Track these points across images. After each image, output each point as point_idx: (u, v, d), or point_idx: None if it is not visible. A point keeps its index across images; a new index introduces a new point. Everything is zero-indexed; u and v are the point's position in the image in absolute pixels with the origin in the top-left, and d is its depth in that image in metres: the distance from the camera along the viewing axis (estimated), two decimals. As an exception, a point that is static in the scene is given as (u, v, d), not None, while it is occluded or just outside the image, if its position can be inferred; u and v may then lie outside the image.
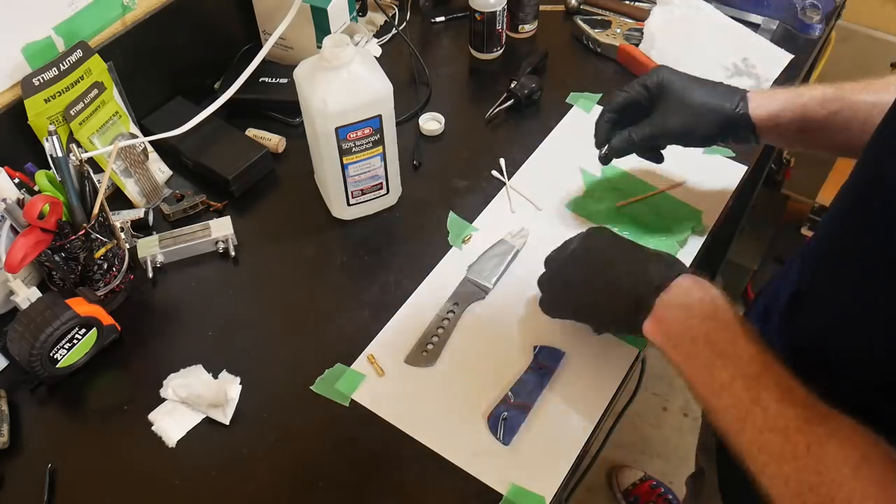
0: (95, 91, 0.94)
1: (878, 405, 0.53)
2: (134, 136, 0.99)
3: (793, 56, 1.16)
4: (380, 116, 0.87)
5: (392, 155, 0.93)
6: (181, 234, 0.93)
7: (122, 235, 0.91)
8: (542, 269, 0.81)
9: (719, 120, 0.81)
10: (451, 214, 0.98)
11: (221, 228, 0.94)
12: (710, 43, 1.15)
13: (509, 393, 0.79)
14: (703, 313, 0.65)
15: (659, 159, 0.89)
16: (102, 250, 0.84)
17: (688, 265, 0.75)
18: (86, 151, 0.90)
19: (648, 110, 0.85)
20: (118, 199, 0.98)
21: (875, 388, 0.56)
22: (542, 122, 1.10)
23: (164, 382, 0.81)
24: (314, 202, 1.00)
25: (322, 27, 1.10)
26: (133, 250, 0.92)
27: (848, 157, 0.78)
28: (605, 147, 0.87)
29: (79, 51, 0.91)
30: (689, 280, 0.68)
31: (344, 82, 0.84)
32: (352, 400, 0.80)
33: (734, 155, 1.03)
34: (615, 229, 0.80)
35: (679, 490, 1.68)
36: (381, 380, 0.81)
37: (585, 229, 0.79)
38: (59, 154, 0.80)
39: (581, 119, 1.10)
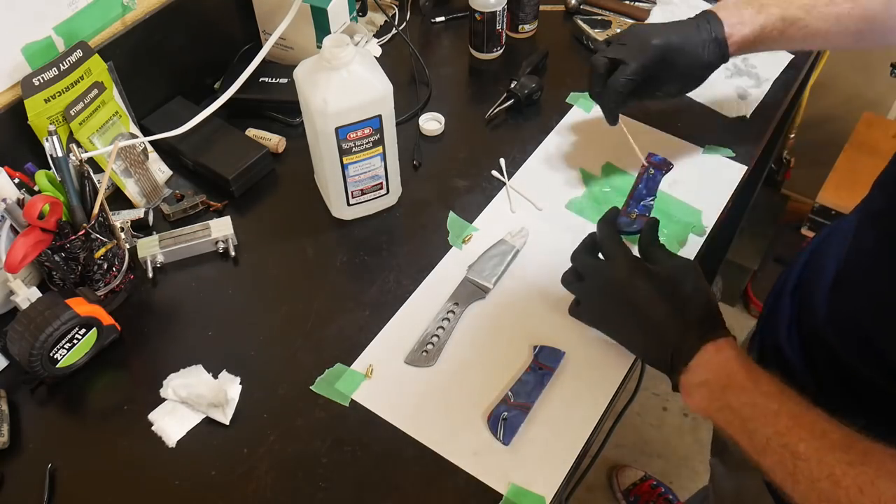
0: (95, 91, 0.94)
1: None
2: (134, 136, 0.99)
3: (793, 56, 1.16)
4: (380, 116, 0.87)
5: (392, 155, 0.93)
6: (181, 234, 0.93)
7: (122, 235, 0.91)
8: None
9: (707, 71, 0.89)
10: (451, 214, 0.98)
11: (221, 228, 0.94)
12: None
13: (509, 393, 0.79)
14: (721, 384, 0.65)
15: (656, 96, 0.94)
16: (102, 250, 0.84)
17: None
18: (86, 151, 0.90)
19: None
20: (118, 199, 0.98)
21: None
22: (542, 122, 1.10)
23: (164, 382, 0.81)
24: (314, 202, 1.00)
25: (322, 27, 1.10)
26: (133, 250, 0.92)
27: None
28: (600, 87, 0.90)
29: (79, 51, 0.91)
30: (710, 352, 0.67)
31: (344, 82, 0.84)
32: (352, 400, 0.80)
33: (734, 155, 1.03)
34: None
35: (679, 490, 1.68)
36: (382, 380, 0.81)
37: (622, 253, 0.76)
38: (59, 154, 0.80)
39: (581, 119, 1.10)
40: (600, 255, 0.78)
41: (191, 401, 0.79)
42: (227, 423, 0.78)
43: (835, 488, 0.54)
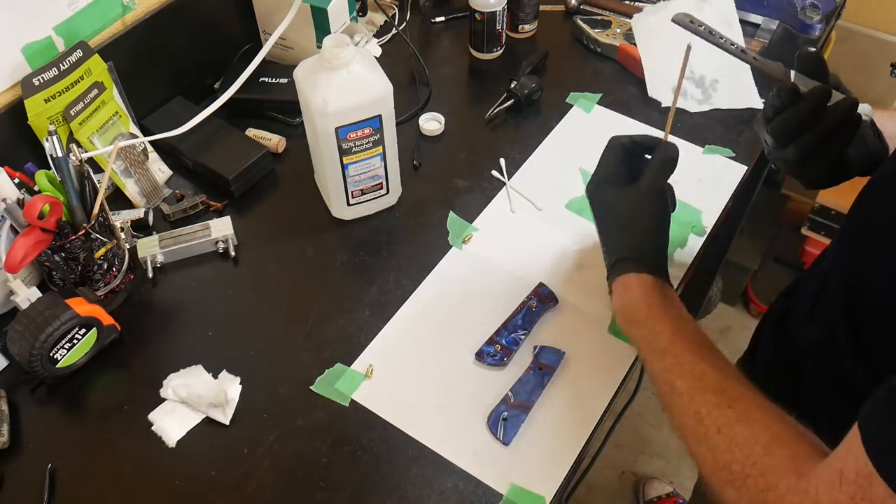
0: (95, 91, 0.94)
1: None
2: (134, 136, 0.99)
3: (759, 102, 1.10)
4: (380, 116, 0.87)
5: (392, 155, 0.93)
6: (181, 234, 0.93)
7: (122, 235, 0.91)
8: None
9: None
10: (451, 214, 0.98)
11: (221, 228, 0.94)
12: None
13: (509, 393, 0.79)
14: (625, 318, 0.74)
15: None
16: (102, 250, 0.84)
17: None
18: (86, 151, 0.90)
19: None
20: (118, 199, 0.98)
21: None
22: (542, 122, 1.10)
23: (164, 382, 0.81)
24: (314, 202, 1.00)
25: (322, 27, 1.10)
26: (133, 250, 0.92)
27: None
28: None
29: (79, 51, 0.91)
30: (621, 285, 0.74)
31: (344, 82, 0.84)
32: (352, 400, 0.80)
33: (734, 155, 1.03)
34: None
35: (679, 490, 1.67)
36: (382, 380, 0.81)
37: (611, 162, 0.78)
38: (59, 154, 0.80)
39: (581, 119, 1.10)
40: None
41: (191, 401, 0.79)
42: (227, 423, 0.78)
43: (697, 425, 0.60)
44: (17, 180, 0.82)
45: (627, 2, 1.28)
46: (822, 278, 0.73)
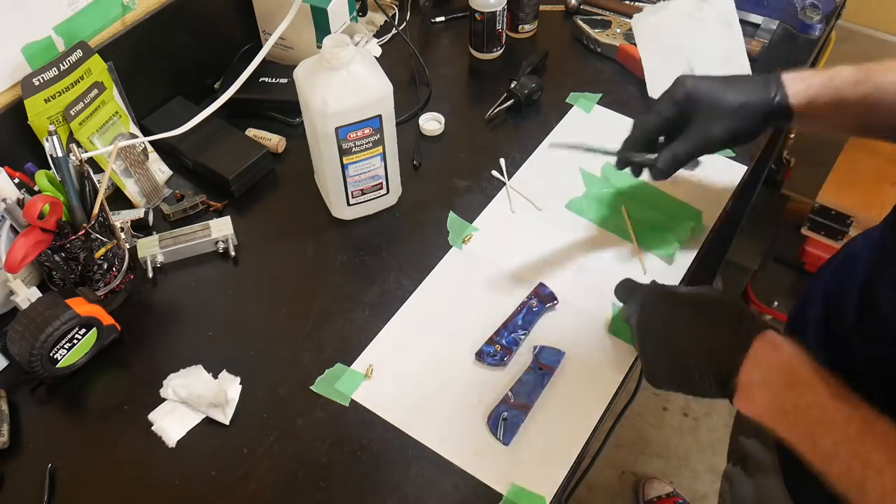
0: (95, 91, 0.94)
1: None
2: (134, 136, 0.99)
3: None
4: (380, 116, 0.87)
5: (392, 155, 0.93)
6: (181, 234, 0.93)
7: (122, 235, 0.91)
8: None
9: (761, 116, 0.77)
10: (451, 214, 0.98)
11: (221, 228, 0.94)
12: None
13: (509, 393, 0.79)
14: (784, 382, 0.61)
15: (696, 164, 0.84)
16: (102, 250, 0.84)
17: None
18: (86, 151, 0.90)
19: (678, 123, 0.80)
20: (118, 199, 0.98)
21: None
22: (542, 122, 1.10)
23: (164, 382, 0.81)
24: (314, 202, 1.00)
25: (322, 27, 1.10)
26: (133, 250, 0.92)
27: (872, 138, 0.77)
28: (639, 167, 0.82)
29: (79, 51, 0.91)
30: (764, 346, 0.63)
31: (344, 82, 0.84)
32: (352, 400, 0.80)
33: (734, 155, 1.03)
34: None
35: (679, 490, 1.67)
36: (382, 380, 0.81)
37: (648, 289, 0.76)
38: (59, 154, 0.80)
39: (581, 119, 1.10)
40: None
41: (191, 401, 0.79)
42: (227, 423, 0.78)
43: None
44: (17, 180, 0.82)
45: (627, 2, 1.28)
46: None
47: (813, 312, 0.77)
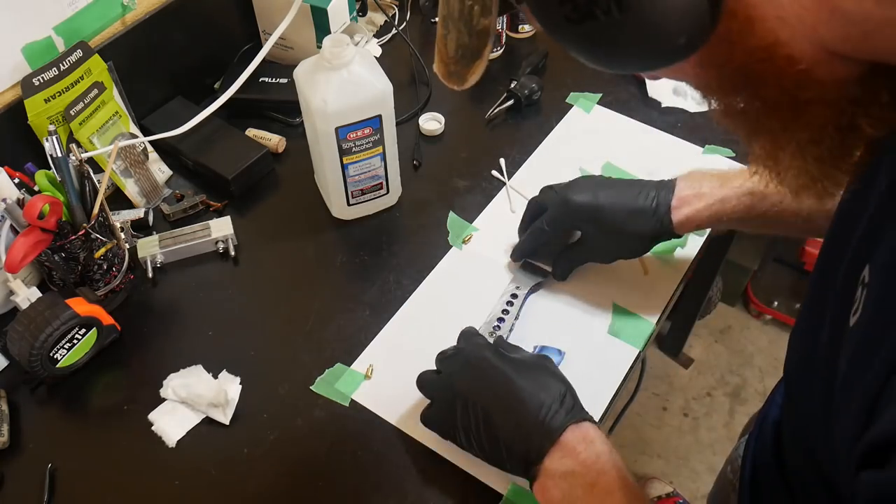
0: (95, 91, 0.94)
1: None
2: (134, 136, 0.99)
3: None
4: (380, 116, 0.87)
5: (392, 155, 0.93)
6: (181, 234, 0.93)
7: (122, 235, 0.91)
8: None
9: (647, 241, 0.82)
10: (451, 214, 0.98)
11: (221, 228, 0.94)
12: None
13: (509, 393, 0.79)
14: (586, 482, 0.60)
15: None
16: (102, 250, 0.84)
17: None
18: (86, 151, 0.90)
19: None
20: (118, 199, 0.98)
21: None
22: (542, 122, 1.10)
23: (164, 382, 0.81)
24: (314, 202, 1.00)
25: (322, 27, 1.10)
26: (133, 250, 0.92)
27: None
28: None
29: (79, 51, 0.91)
30: (576, 438, 0.62)
31: (344, 82, 0.84)
32: (352, 400, 0.80)
33: (734, 155, 1.03)
34: None
35: (679, 490, 1.67)
36: (382, 380, 0.81)
37: (462, 343, 0.73)
38: (59, 154, 0.80)
39: (581, 119, 1.10)
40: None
41: (191, 401, 0.79)
42: (227, 423, 0.78)
43: None
44: (17, 180, 0.82)
45: (627, 2, 1.27)
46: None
47: (766, 433, 0.72)
